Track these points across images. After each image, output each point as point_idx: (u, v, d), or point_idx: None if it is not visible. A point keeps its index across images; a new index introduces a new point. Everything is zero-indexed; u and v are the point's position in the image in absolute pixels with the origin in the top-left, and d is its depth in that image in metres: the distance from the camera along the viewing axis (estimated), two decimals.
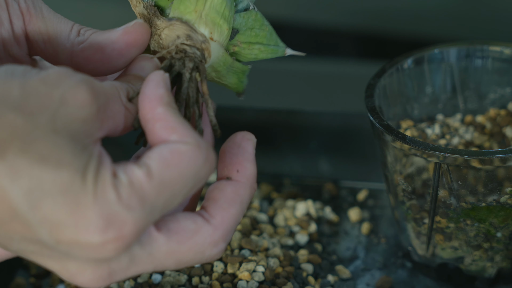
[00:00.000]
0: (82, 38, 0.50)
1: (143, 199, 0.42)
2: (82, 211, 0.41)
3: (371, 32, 0.98)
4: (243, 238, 0.63)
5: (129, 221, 0.41)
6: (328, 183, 0.72)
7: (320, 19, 0.97)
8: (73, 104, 0.41)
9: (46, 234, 0.41)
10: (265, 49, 0.51)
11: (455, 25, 0.96)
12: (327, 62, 0.94)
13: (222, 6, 0.49)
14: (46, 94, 0.41)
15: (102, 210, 0.41)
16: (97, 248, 0.41)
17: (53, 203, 0.40)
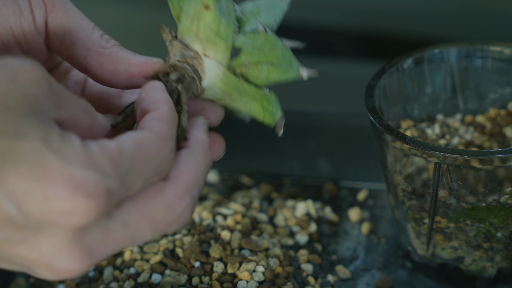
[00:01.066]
0: (104, 44, 0.50)
1: (115, 166, 0.41)
2: (49, 176, 0.40)
3: (371, 32, 0.98)
4: (243, 238, 0.63)
5: (100, 184, 0.41)
6: (328, 183, 0.72)
7: (320, 19, 0.97)
8: (23, 81, 0.41)
9: (14, 208, 0.40)
10: (274, 69, 0.52)
11: (455, 25, 0.96)
12: (327, 62, 0.94)
13: (215, 24, 0.50)
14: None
15: (71, 173, 0.40)
16: (68, 214, 0.40)
17: (17, 173, 0.39)
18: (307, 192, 0.72)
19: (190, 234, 0.63)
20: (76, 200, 0.40)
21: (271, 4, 0.53)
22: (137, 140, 0.44)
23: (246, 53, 0.51)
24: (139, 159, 0.43)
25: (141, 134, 0.44)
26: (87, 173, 0.40)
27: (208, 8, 0.49)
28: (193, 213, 0.46)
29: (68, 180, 0.40)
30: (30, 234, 0.41)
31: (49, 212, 0.40)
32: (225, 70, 0.50)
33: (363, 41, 1.00)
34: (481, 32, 0.95)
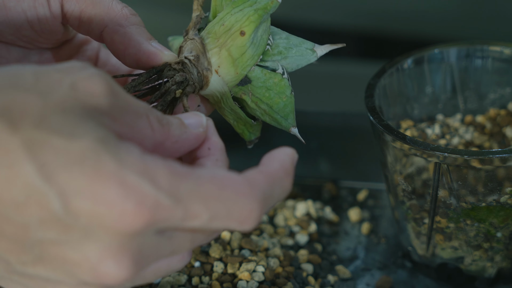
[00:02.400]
0: (122, 21, 0.50)
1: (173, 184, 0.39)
2: (102, 178, 0.38)
3: (371, 32, 0.98)
4: (243, 238, 0.63)
5: (150, 195, 0.39)
6: (328, 183, 0.72)
7: (320, 19, 0.97)
8: (83, 91, 0.40)
9: (63, 208, 0.38)
10: (270, 114, 0.52)
11: (455, 25, 0.96)
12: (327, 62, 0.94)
13: (242, 51, 0.49)
14: (58, 79, 0.40)
15: (125, 178, 0.38)
16: (116, 218, 0.39)
17: (69, 173, 0.38)
18: (307, 192, 0.72)
19: None
20: (124, 205, 0.39)
21: (301, 53, 0.52)
22: (217, 174, 0.41)
23: (254, 86, 0.51)
24: (208, 189, 0.40)
25: (226, 172, 0.42)
26: (140, 181, 0.39)
27: (243, 34, 0.49)
28: None
29: (120, 184, 0.39)
30: (77, 236, 0.40)
31: (97, 214, 0.39)
32: (227, 92, 0.51)
33: (363, 41, 1.00)
34: (481, 32, 0.95)
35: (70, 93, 0.40)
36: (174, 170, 0.40)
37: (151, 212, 0.39)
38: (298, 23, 0.96)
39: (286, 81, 0.51)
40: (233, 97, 0.51)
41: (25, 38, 0.52)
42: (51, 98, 0.39)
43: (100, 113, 0.40)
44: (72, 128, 0.39)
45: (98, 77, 0.41)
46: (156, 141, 0.43)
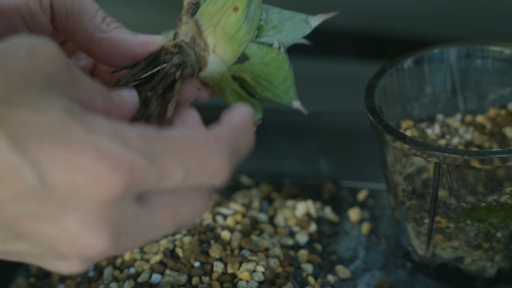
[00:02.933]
0: (105, 28, 0.50)
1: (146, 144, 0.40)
2: (73, 146, 0.38)
3: (371, 32, 0.98)
4: (243, 238, 0.63)
5: (125, 157, 0.39)
6: (328, 183, 0.72)
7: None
8: (40, 57, 0.40)
9: (38, 180, 0.38)
10: (271, 89, 0.52)
11: (455, 25, 0.96)
12: (327, 62, 0.94)
13: (237, 27, 0.49)
14: (12, 50, 0.40)
15: (97, 144, 0.39)
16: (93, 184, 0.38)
17: (40, 143, 0.38)
18: (307, 192, 0.72)
19: (190, 234, 0.63)
20: (100, 170, 0.39)
21: (295, 25, 0.53)
22: (185, 132, 0.42)
23: (252, 63, 0.51)
24: (179, 145, 0.41)
25: (193, 130, 0.42)
26: (112, 144, 0.39)
27: (236, 10, 0.49)
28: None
29: (93, 150, 0.39)
30: (54, 209, 0.39)
31: (73, 183, 0.39)
32: (226, 72, 0.51)
33: (363, 41, 1.00)
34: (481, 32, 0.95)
35: (28, 62, 0.40)
36: (143, 132, 0.40)
37: (127, 174, 0.39)
38: None
39: (284, 55, 0.51)
40: (232, 76, 0.51)
41: None
42: (12, 70, 0.39)
43: (59, 80, 0.41)
44: (38, 101, 0.39)
45: (49, 42, 0.41)
46: (105, 107, 0.44)
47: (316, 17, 0.53)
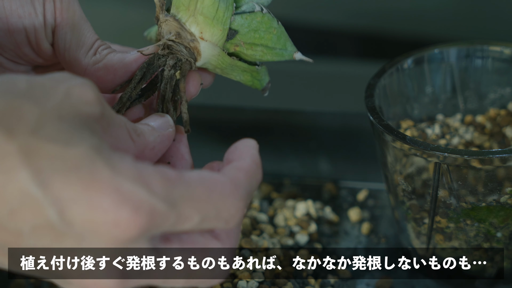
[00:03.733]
0: (97, 58, 0.51)
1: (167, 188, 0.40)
2: (96, 185, 0.39)
3: (371, 32, 0.98)
4: (243, 238, 0.63)
5: (146, 201, 0.39)
6: (328, 183, 0.72)
7: (320, 19, 0.97)
8: (77, 98, 0.41)
9: (57, 216, 0.39)
10: (269, 51, 0.52)
11: (455, 25, 0.96)
12: (327, 62, 0.94)
13: (215, 7, 0.49)
14: (51, 87, 0.40)
15: (120, 185, 0.39)
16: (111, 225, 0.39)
17: (65, 180, 0.38)
18: (307, 192, 0.72)
19: None
20: (120, 212, 0.39)
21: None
22: (204, 177, 0.42)
23: (241, 34, 0.51)
24: (198, 192, 0.41)
25: (211, 174, 0.43)
26: (135, 188, 0.39)
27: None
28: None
29: (115, 191, 0.39)
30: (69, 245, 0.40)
31: (92, 221, 0.39)
32: (220, 51, 0.51)
33: (363, 41, 1.00)
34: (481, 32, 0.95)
35: (65, 100, 0.40)
36: (166, 175, 0.41)
37: (147, 218, 0.40)
38: (298, 23, 0.96)
39: (268, 15, 0.51)
40: (228, 53, 0.51)
41: (25, 57, 0.52)
42: (47, 104, 0.40)
43: (93, 121, 0.41)
44: (68, 136, 0.39)
45: (89, 85, 0.41)
46: (137, 150, 0.44)
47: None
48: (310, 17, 0.97)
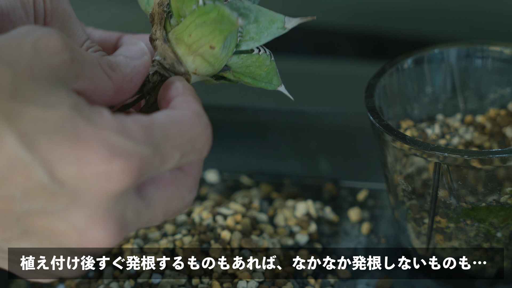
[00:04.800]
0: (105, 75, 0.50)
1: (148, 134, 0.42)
2: (83, 143, 0.39)
3: (371, 32, 0.98)
4: (243, 238, 0.63)
5: (134, 149, 0.41)
6: (328, 183, 0.73)
7: (320, 19, 0.97)
8: (46, 51, 0.41)
9: (48, 176, 0.39)
10: (255, 82, 0.52)
11: (455, 25, 0.96)
12: (327, 62, 0.94)
13: (216, 56, 0.49)
14: (18, 44, 0.40)
15: (105, 140, 0.40)
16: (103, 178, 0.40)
17: (51, 141, 0.39)
18: (307, 192, 0.72)
19: (190, 234, 0.63)
20: (111, 164, 0.40)
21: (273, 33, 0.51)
22: (170, 115, 0.44)
23: (233, 69, 0.51)
24: (173, 131, 0.43)
25: (173, 111, 0.44)
26: (121, 139, 0.40)
27: (213, 48, 0.48)
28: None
29: (102, 145, 0.40)
30: (63, 204, 0.40)
31: (83, 178, 0.40)
32: (208, 79, 0.51)
33: (363, 41, 1.00)
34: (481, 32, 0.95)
35: (34, 57, 0.40)
36: (141, 122, 0.42)
37: (138, 165, 0.41)
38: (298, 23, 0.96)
39: (264, 55, 0.51)
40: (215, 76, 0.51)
41: None
42: (18, 66, 0.40)
43: (66, 70, 0.41)
44: (46, 97, 0.40)
45: (54, 33, 0.42)
46: (115, 86, 0.45)
47: (293, 21, 0.52)
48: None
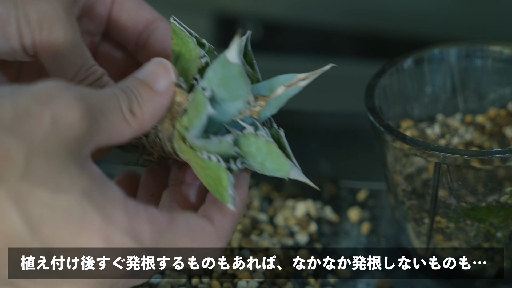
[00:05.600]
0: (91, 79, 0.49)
1: (156, 240, 0.42)
2: (86, 233, 0.40)
3: (371, 32, 0.98)
4: (243, 238, 0.63)
5: (134, 252, 0.41)
6: (328, 183, 0.72)
7: (320, 19, 0.97)
8: (64, 124, 0.40)
9: (45, 257, 0.40)
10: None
11: (455, 25, 0.96)
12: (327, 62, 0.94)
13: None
14: (38, 113, 0.40)
15: (109, 237, 0.40)
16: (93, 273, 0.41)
17: (54, 227, 0.40)
18: (307, 192, 0.72)
19: None
20: (106, 259, 0.41)
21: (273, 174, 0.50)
22: (192, 225, 0.44)
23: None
24: (184, 242, 0.43)
25: (198, 221, 0.44)
26: (125, 239, 0.41)
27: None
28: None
29: (105, 239, 0.40)
30: (52, 281, 0.41)
31: (77, 264, 0.41)
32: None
33: (363, 41, 1.00)
34: (481, 32, 0.95)
35: (52, 131, 0.40)
36: (155, 224, 0.42)
37: (128, 273, 0.42)
38: (298, 23, 0.96)
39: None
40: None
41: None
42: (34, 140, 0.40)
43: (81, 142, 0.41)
44: (57, 179, 0.40)
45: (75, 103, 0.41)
46: (134, 131, 0.44)
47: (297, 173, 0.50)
48: (310, 17, 0.97)
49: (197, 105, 0.45)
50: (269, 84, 0.49)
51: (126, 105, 0.44)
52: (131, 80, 0.45)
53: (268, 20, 0.90)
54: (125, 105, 0.44)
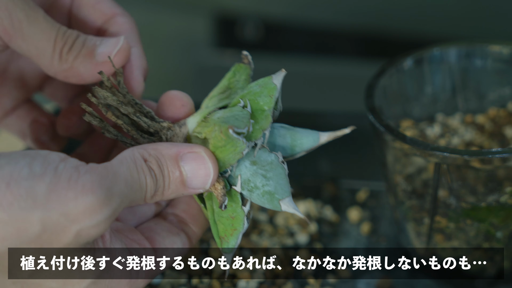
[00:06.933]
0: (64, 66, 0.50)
1: None
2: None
3: (371, 32, 0.98)
4: (243, 238, 0.63)
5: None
6: (328, 183, 0.72)
7: (320, 19, 0.97)
8: (85, 238, 0.42)
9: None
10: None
11: (455, 25, 0.96)
12: (327, 62, 0.94)
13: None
14: (63, 229, 0.42)
15: None
16: None
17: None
18: (307, 192, 0.72)
19: None
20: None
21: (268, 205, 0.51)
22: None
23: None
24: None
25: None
26: None
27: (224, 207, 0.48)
28: None
29: None
30: None
31: None
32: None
33: (363, 41, 1.00)
34: (481, 32, 0.95)
35: (72, 241, 0.42)
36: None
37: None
38: (298, 23, 0.96)
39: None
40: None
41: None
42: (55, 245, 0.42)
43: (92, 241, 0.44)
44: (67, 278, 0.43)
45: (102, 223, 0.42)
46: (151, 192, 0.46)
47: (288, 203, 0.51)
48: (310, 17, 0.97)
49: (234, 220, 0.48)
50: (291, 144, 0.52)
51: (150, 194, 0.45)
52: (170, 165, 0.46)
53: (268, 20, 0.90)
54: (150, 194, 0.45)
